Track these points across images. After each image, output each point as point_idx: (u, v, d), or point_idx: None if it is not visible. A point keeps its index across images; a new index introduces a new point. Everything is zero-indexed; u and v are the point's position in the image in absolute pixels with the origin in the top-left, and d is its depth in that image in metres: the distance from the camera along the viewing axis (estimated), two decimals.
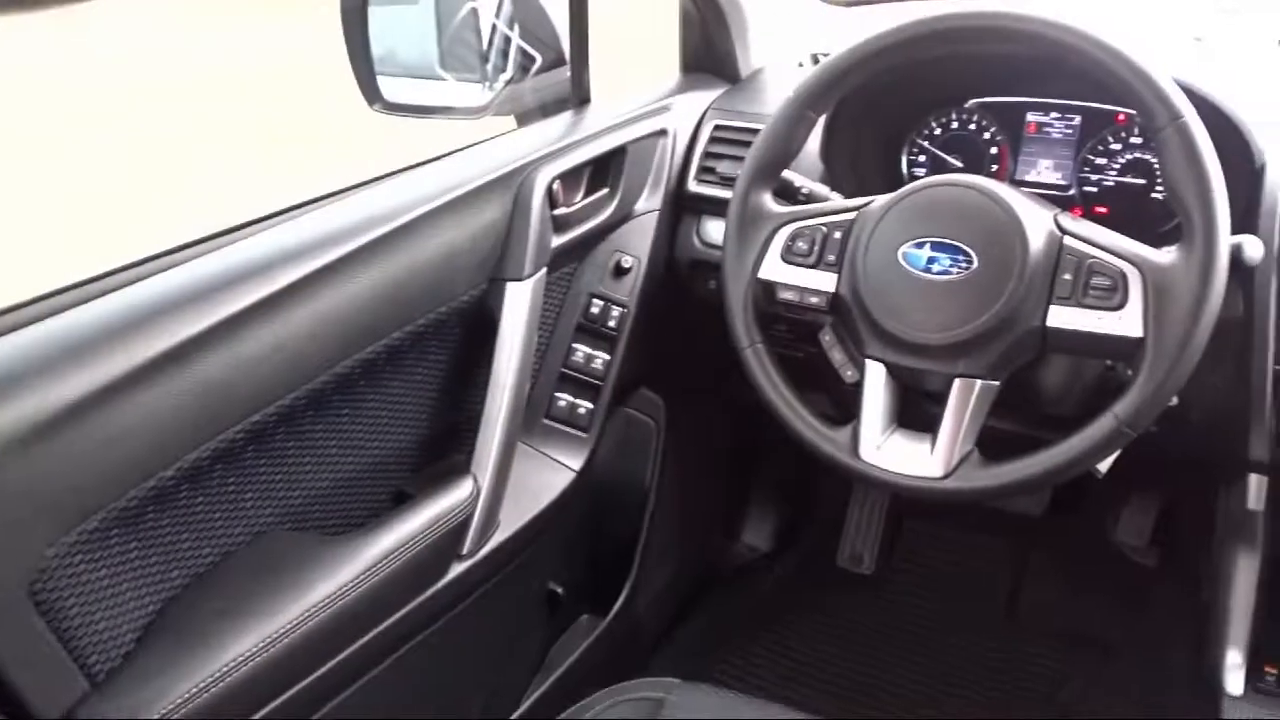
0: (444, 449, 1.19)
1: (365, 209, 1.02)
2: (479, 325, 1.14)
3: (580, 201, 1.26)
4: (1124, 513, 1.66)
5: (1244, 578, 1.13)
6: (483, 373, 1.14)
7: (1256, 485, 1.09)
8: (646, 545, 1.51)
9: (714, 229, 1.34)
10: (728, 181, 1.28)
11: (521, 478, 1.18)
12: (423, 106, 1.36)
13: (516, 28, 1.36)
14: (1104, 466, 0.99)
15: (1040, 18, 0.95)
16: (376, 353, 1.02)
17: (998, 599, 1.77)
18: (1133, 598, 1.67)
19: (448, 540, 1.05)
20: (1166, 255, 0.91)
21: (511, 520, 1.17)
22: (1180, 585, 1.53)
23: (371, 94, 1.27)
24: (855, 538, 1.84)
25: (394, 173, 1.17)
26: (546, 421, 1.30)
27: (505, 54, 1.37)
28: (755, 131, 1.11)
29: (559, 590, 1.39)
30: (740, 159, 1.11)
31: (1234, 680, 1.11)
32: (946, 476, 0.97)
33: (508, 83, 1.36)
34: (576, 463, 1.29)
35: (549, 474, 1.26)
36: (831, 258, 1.05)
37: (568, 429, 1.30)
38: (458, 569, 1.09)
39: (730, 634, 1.73)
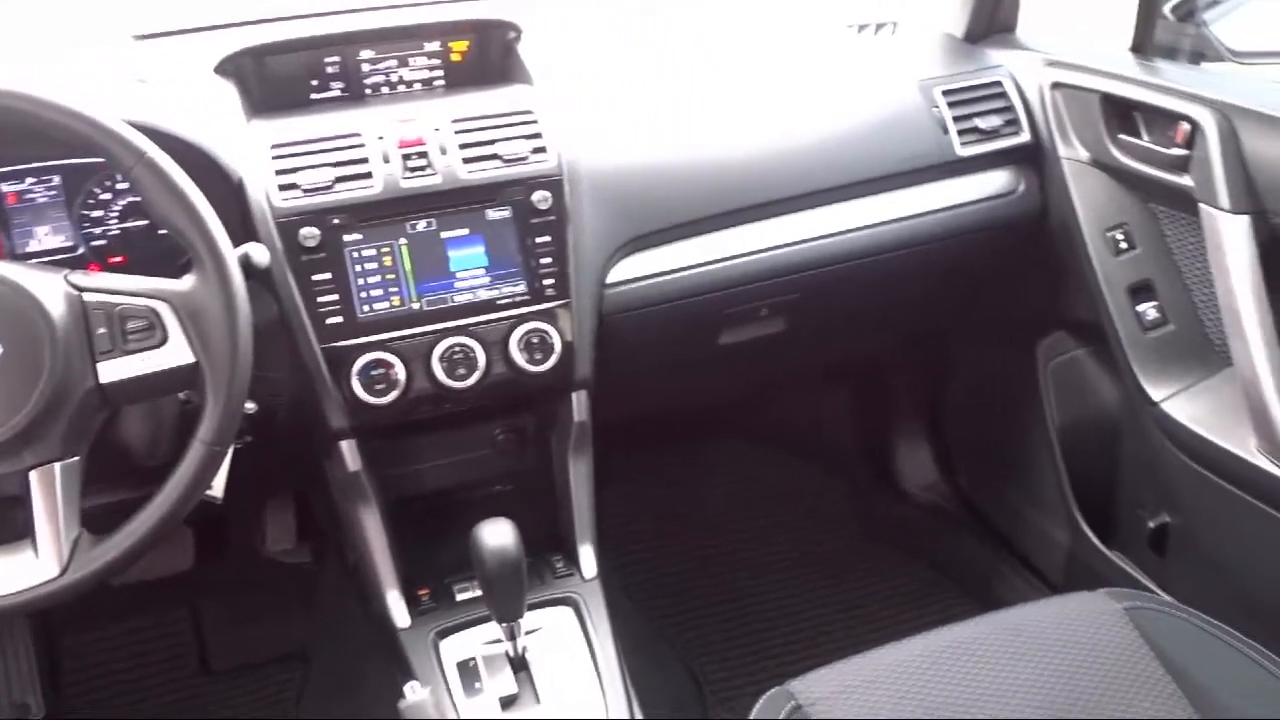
0: None
1: None
2: None
3: None
4: (266, 526, 1.73)
5: (370, 524, 1.26)
6: None
7: (348, 449, 1.21)
8: None
9: None
10: None
11: None
12: None
13: None
14: (219, 491, 1.02)
15: None
16: None
17: (190, 664, 1.72)
18: (307, 597, 1.76)
19: None
20: (188, 282, 0.95)
21: None
22: (339, 569, 1.66)
23: None
24: (9, 686, 1.61)
25: None
26: None
27: None
28: None
29: None
30: None
31: (400, 615, 1.25)
32: (64, 572, 0.91)
33: None
34: None
35: None
36: None
37: None
38: None
39: None
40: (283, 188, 1.16)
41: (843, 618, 1.81)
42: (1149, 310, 1.41)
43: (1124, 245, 1.42)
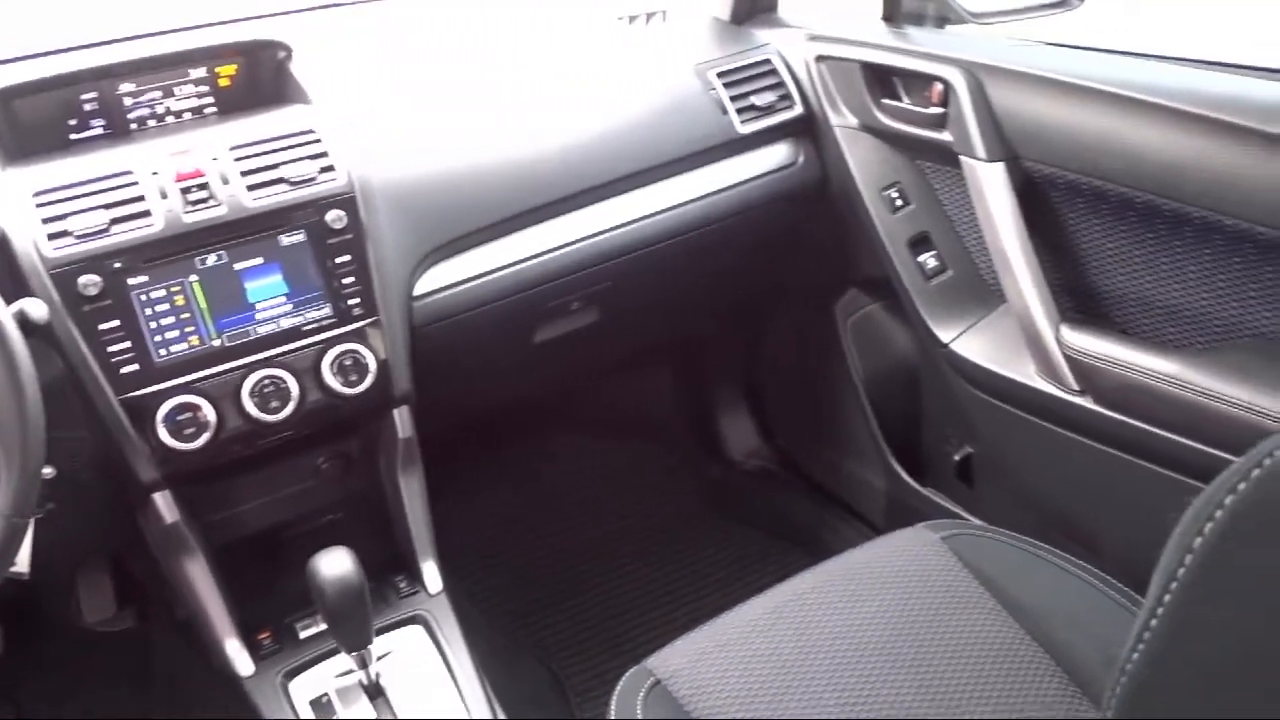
0: None
1: None
2: None
3: None
4: (80, 596, 1.63)
5: (197, 575, 1.21)
6: None
7: (162, 501, 1.16)
8: None
9: None
10: None
11: None
12: None
13: None
14: (24, 566, 0.96)
15: None
16: None
17: None
18: (139, 664, 1.67)
19: None
20: None
21: None
22: (169, 628, 1.57)
23: None
24: None
25: None
26: None
27: None
28: None
29: None
30: None
31: (243, 664, 1.20)
32: None
33: None
34: None
35: None
36: None
37: None
38: None
39: None
40: (52, 236, 1.09)
41: (690, 591, 1.86)
42: (929, 260, 1.51)
43: (899, 202, 1.52)
